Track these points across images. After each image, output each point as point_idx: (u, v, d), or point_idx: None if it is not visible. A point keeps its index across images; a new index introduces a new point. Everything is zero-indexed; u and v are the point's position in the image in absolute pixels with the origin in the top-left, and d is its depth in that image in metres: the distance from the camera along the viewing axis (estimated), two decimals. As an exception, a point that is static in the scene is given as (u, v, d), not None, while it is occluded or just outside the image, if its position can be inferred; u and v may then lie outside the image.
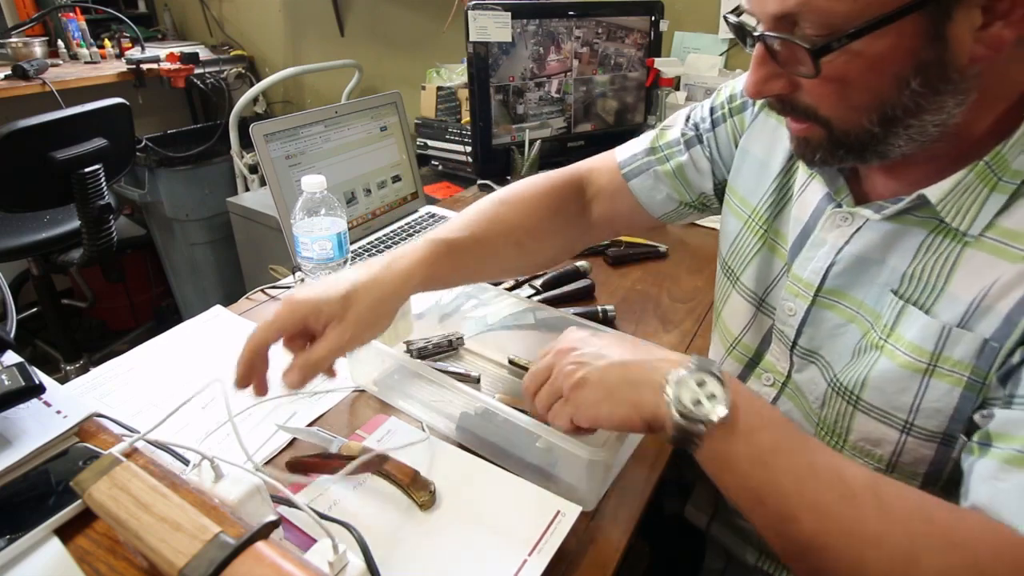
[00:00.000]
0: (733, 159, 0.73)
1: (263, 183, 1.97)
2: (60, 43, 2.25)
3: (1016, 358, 0.46)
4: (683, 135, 0.77)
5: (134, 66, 2.12)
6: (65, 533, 0.52)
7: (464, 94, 1.66)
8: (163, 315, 2.48)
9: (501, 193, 0.74)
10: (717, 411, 0.46)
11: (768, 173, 0.68)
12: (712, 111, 0.75)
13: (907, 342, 0.52)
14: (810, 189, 0.63)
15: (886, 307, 0.54)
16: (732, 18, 0.53)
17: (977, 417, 0.50)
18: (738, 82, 0.73)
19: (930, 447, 0.53)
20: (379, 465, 0.59)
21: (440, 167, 1.67)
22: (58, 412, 0.60)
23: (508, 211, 0.72)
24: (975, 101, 0.47)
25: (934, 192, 0.50)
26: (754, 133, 0.71)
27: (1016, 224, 0.48)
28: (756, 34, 0.48)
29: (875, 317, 0.56)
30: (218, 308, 0.90)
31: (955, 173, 0.50)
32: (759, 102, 0.70)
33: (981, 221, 0.49)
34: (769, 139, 0.69)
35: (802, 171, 0.65)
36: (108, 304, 2.40)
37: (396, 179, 1.21)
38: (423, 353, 0.78)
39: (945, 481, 0.54)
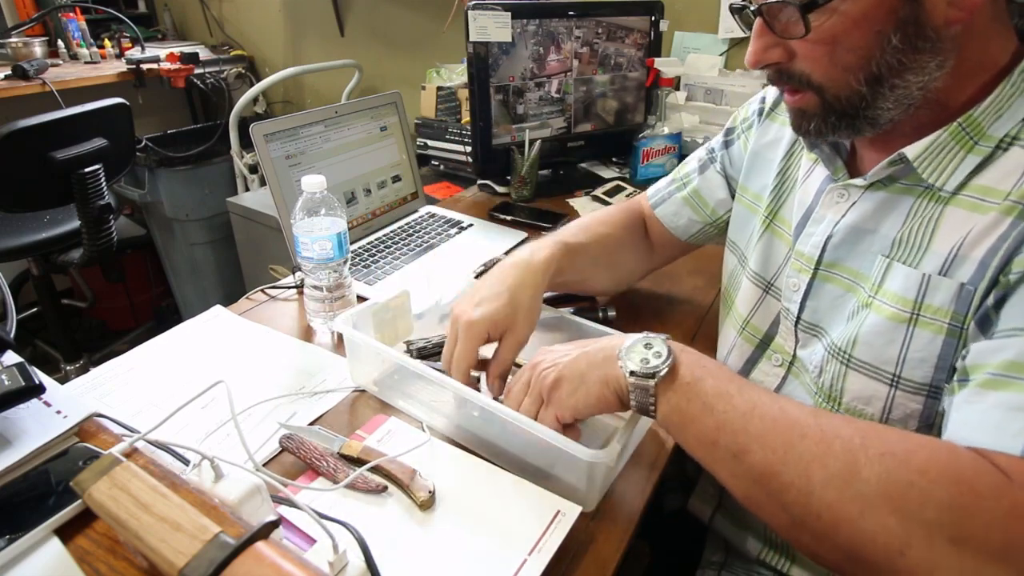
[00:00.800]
0: (743, 168, 0.80)
1: (263, 183, 1.97)
2: (60, 43, 2.25)
3: (990, 300, 0.50)
4: (699, 161, 0.88)
5: (134, 66, 2.12)
6: (65, 533, 0.52)
7: (464, 94, 1.66)
8: (163, 315, 2.48)
9: (591, 215, 0.90)
10: (663, 362, 0.52)
11: (771, 167, 0.75)
12: (727, 133, 0.85)
13: (892, 294, 0.56)
14: (814, 175, 0.68)
15: (875, 268, 0.59)
16: (736, 3, 0.58)
17: (957, 362, 0.52)
18: (751, 103, 0.82)
19: (918, 400, 0.56)
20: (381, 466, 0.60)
21: (440, 167, 1.67)
22: (58, 412, 0.60)
23: (600, 226, 0.86)
24: (956, 71, 0.52)
25: (912, 151, 0.55)
26: (759, 138, 0.78)
27: (989, 181, 0.52)
28: (753, 8, 0.55)
29: (867, 281, 0.60)
30: (218, 308, 0.90)
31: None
32: (763, 115, 0.79)
33: (956, 178, 0.54)
34: (772, 139, 0.76)
35: (806, 159, 0.70)
36: (108, 304, 2.40)
37: (396, 179, 1.21)
38: (423, 353, 0.78)
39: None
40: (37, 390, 0.58)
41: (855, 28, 0.50)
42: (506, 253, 1.02)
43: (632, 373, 0.53)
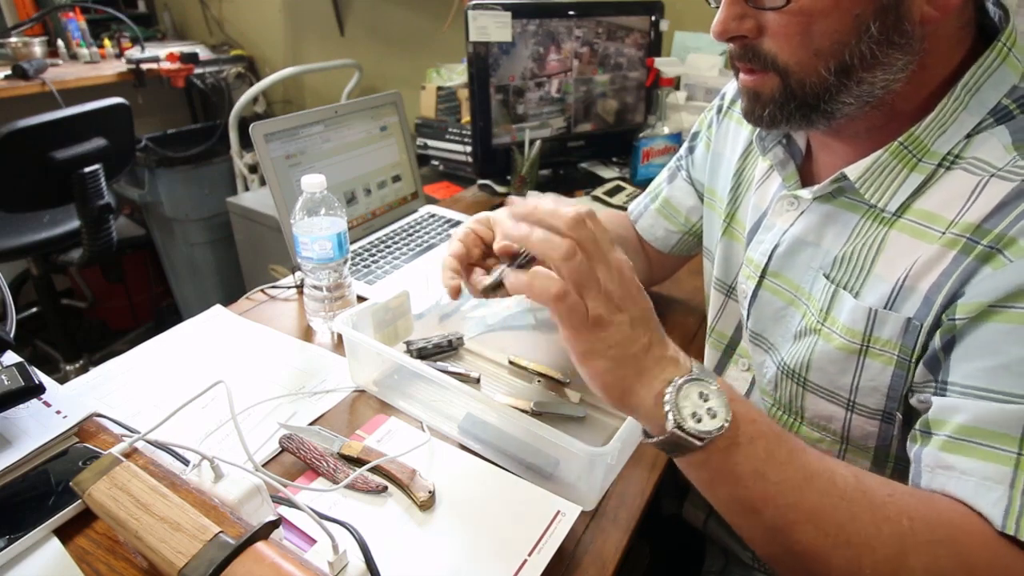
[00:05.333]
0: (707, 170, 0.79)
1: (263, 183, 1.97)
2: (60, 43, 2.25)
3: (937, 341, 0.49)
4: (668, 171, 0.87)
5: (134, 66, 2.12)
6: (65, 533, 0.52)
7: (464, 94, 1.66)
8: (163, 315, 2.48)
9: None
10: (715, 428, 0.43)
11: (729, 167, 0.74)
12: (692, 138, 0.83)
13: (841, 325, 0.55)
14: (771, 179, 0.67)
15: (820, 291, 0.58)
16: None
17: (915, 402, 0.52)
18: (712, 106, 0.80)
19: (873, 424, 0.56)
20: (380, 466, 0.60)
21: (440, 167, 1.67)
22: (58, 412, 0.60)
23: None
24: (913, 75, 0.50)
25: (853, 171, 0.54)
26: (719, 138, 0.77)
27: (933, 206, 0.51)
28: None
29: (811, 301, 0.59)
30: (218, 308, 0.90)
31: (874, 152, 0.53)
32: (722, 112, 0.77)
33: (899, 198, 0.53)
34: (730, 138, 0.75)
35: (763, 162, 0.68)
36: (108, 304, 2.40)
37: (396, 179, 1.21)
38: (423, 353, 0.78)
39: (895, 458, 0.57)
40: (37, 390, 0.58)
41: (835, 8, 0.47)
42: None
43: (679, 427, 0.43)
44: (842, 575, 0.43)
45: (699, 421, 0.43)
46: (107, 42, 2.35)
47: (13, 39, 2.07)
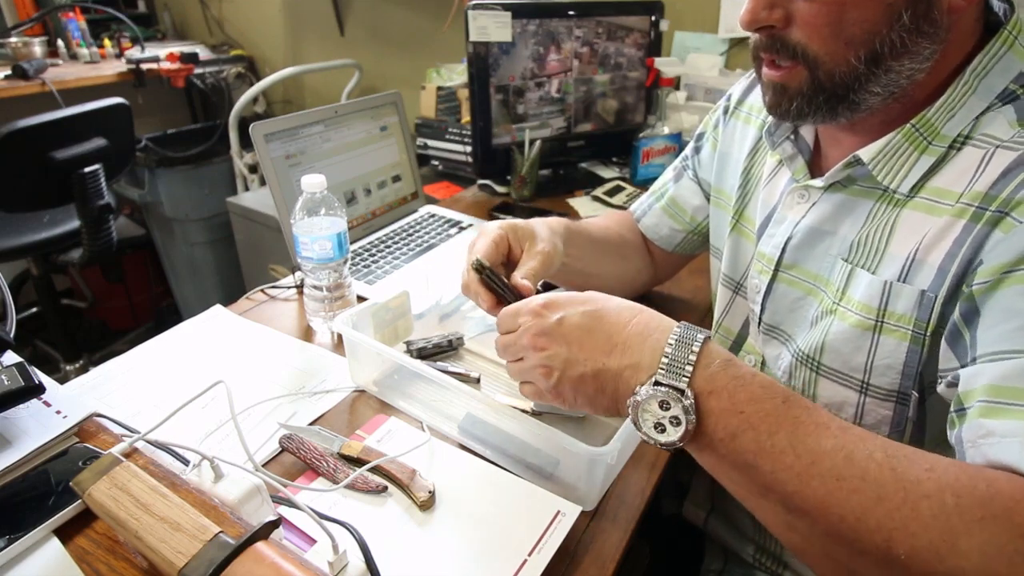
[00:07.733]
0: (714, 170, 0.80)
1: (263, 183, 1.97)
2: (60, 43, 2.25)
3: (957, 313, 0.48)
4: (674, 170, 0.88)
5: (134, 66, 2.12)
6: (65, 533, 0.52)
7: (464, 94, 1.66)
8: (163, 315, 2.48)
9: (596, 217, 0.91)
10: (676, 439, 0.44)
11: (737, 166, 0.74)
12: (697, 138, 0.84)
13: (856, 302, 0.55)
14: (781, 173, 0.67)
15: (837, 274, 0.58)
16: None
17: (942, 388, 0.50)
18: (719, 103, 0.81)
19: (887, 407, 0.56)
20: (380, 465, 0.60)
21: (440, 167, 1.67)
22: (58, 412, 0.60)
23: (596, 225, 0.87)
24: (934, 64, 0.51)
25: (866, 152, 0.55)
26: (726, 138, 0.78)
27: (944, 183, 0.52)
28: None
29: (828, 285, 0.59)
30: (218, 308, 0.90)
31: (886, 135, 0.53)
32: (729, 113, 0.78)
33: (911, 180, 0.53)
34: (737, 137, 0.76)
35: (771, 159, 0.69)
36: (108, 304, 2.40)
37: (396, 179, 1.21)
38: (423, 353, 0.78)
39: (910, 444, 0.55)
40: (37, 390, 0.58)
41: None
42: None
43: (646, 435, 0.45)
44: (874, 563, 0.39)
45: (662, 431, 0.45)
46: (107, 42, 2.35)
47: (13, 39, 2.07)
